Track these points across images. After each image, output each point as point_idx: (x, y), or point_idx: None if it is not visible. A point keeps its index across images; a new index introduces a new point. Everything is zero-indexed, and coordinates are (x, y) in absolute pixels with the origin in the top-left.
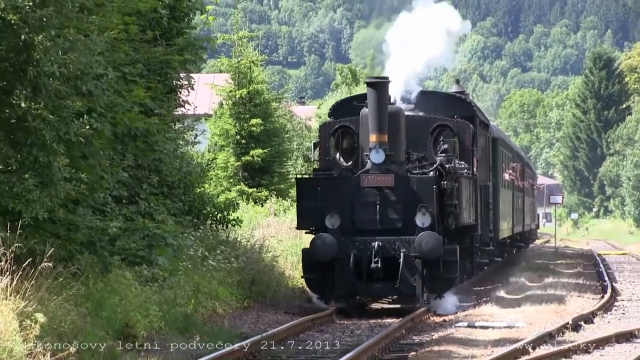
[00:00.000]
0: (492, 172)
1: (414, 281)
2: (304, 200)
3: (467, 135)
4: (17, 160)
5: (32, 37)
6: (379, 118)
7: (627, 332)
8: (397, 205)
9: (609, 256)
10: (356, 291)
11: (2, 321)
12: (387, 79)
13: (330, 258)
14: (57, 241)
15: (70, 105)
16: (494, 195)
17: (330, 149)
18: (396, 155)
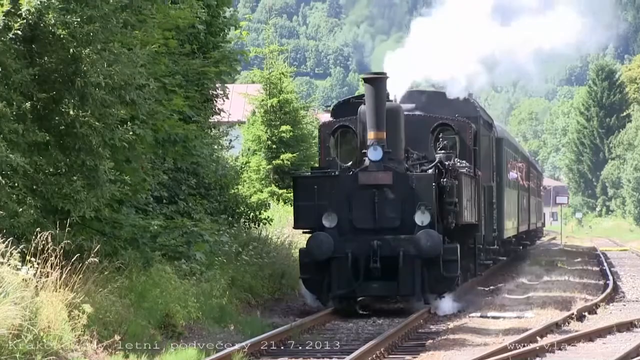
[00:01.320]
0: (496, 172)
1: (413, 281)
2: (301, 199)
3: (469, 134)
4: (66, 163)
5: (79, 50)
6: (377, 115)
7: (628, 322)
8: (395, 204)
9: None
10: (354, 291)
11: (53, 311)
12: (385, 74)
13: (327, 258)
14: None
15: (115, 113)
16: (498, 195)
17: (330, 149)
18: (395, 152)
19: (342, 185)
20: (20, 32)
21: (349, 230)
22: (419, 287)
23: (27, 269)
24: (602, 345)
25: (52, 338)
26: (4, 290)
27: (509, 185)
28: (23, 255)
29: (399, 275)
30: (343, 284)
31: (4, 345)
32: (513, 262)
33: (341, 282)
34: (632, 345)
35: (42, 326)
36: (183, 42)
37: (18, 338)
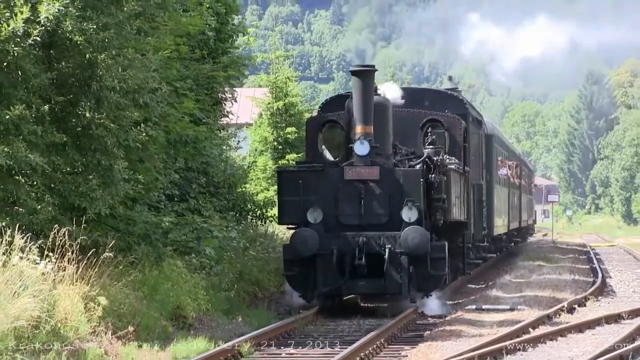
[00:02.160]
0: (486, 169)
1: (399, 279)
2: (286, 194)
3: (459, 130)
4: (82, 163)
5: (95, 55)
6: (365, 109)
7: (616, 314)
8: (382, 199)
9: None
10: (339, 289)
11: (70, 304)
12: (373, 67)
13: (312, 254)
14: (117, 234)
15: (129, 115)
16: (488, 192)
17: (317, 144)
18: (382, 147)
19: (328, 180)
20: (39, 39)
21: (334, 226)
22: (405, 285)
23: (45, 264)
24: (591, 336)
25: (68, 329)
26: (23, 283)
27: (499, 182)
28: (41, 250)
29: (386, 273)
30: (328, 281)
31: (23, 335)
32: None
33: (326, 279)
34: (620, 336)
35: (60, 318)
36: (193, 48)
37: (37, 329)
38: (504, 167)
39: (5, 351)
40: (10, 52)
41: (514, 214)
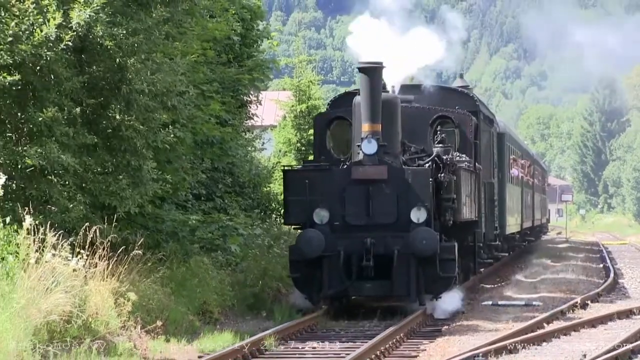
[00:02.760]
0: (498, 168)
1: (408, 281)
2: (292, 194)
3: (469, 127)
4: (112, 163)
5: (125, 60)
6: (372, 106)
7: (627, 310)
8: (390, 199)
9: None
10: (346, 291)
11: (100, 299)
12: (381, 63)
13: (318, 255)
14: (146, 232)
15: (157, 117)
16: (500, 191)
17: (325, 141)
18: (391, 146)
19: (335, 179)
20: (70, 43)
21: (341, 226)
22: (414, 287)
23: (76, 260)
24: (603, 331)
25: (99, 323)
26: (55, 279)
27: (512, 181)
28: (73, 247)
29: (393, 275)
30: (334, 283)
31: (55, 329)
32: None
33: (332, 281)
34: (631, 331)
35: (91, 312)
36: (220, 52)
37: (68, 323)
38: (517, 166)
39: (38, 344)
40: (43, 56)
41: (527, 213)
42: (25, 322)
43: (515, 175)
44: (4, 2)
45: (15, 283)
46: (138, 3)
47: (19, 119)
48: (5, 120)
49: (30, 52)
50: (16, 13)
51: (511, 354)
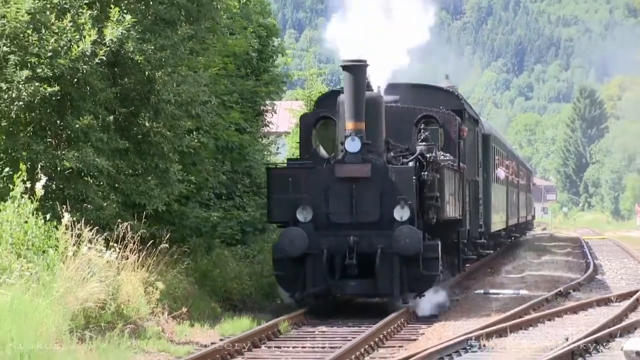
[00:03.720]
0: (484, 168)
1: (391, 279)
2: (275, 192)
3: (453, 126)
4: (142, 166)
5: (153, 73)
6: (356, 104)
7: (605, 298)
8: (373, 198)
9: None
10: (329, 289)
11: (131, 288)
12: (365, 61)
13: (301, 254)
14: (172, 227)
15: (182, 124)
16: (485, 190)
17: (311, 141)
18: (374, 144)
19: (319, 177)
20: (104, 58)
21: (325, 224)
22: (397, 285)
23: (110, 253)
24: (584, 317)
25: (130, 310)
26: (91, 270)
27: (497, 181)
28: (107, 241)
29: (377, 273)
30: (318, 281)
31: (91, 315)
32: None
33: (316, 279)
34: (609, 317)
35: (122, 300)
36: (239, 66)
37: (103, 310)
38: (502, 166)
39: (76, 329)
40: (80, 69)
41: (513, 211)
42: (64, 308)
43: (500, 175)
44: (44, 21)
45: (55, 273)
46: (165, 21)
47: (58, 126)
48: (45, 127)
49: (68, 65)
50: (55, 30)
51: (501, 337)
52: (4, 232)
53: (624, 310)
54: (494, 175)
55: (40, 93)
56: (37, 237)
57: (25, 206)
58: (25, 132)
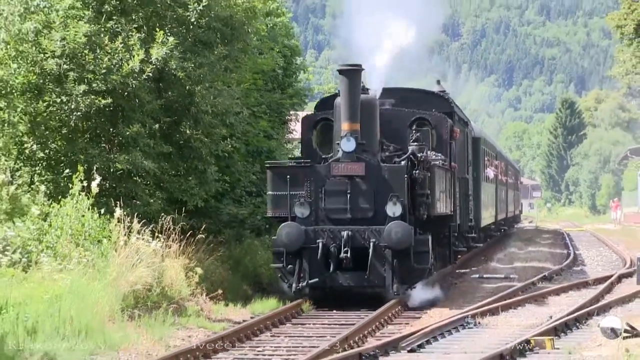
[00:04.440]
0: (474, 167)
1: (383, 271)
2: (275, 188)
3: (445, 128)
4: (183, 168)
5: (193, 87)
6: (351, 106)
7: (584, 282)
8: (368, 195)
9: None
10: (325, 281)
11: (174, 273)
12: (360, 66)
13: (298, 247)
14: (209, 221)
15: (218, 132)
16: (475, 188)
17: (311, 141)
18: (369, 144)
19: (316, 175)
20: (151, 74)
21: (321, 220)
22: (389, 278)
23: (155, 243)
24: (566, 298)
25: (173, 291)
26: (139, 257)
27: (486, 179)
28: (153, 232)
29: (369, 266)
30: (314, 273)
31: (140, 296)
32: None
33: (312, 272)
34: (587, 298)
35: (166, 283)
36: (267, 81)
37: (149, 291)
38: (491, 166)
39: (126, 308)
40: (129, 84)
41: (502, 207)
42: (116, 290)
43: (489, 174)
44: (99, 42)
45: (108, 260)
46: (203, 43)
47: (111, 133)
48: (100, 134)
49: (119, 81)
50: (108, 51)
51: (493, 315)
52: (65, 225)
53: (600, 293)
54: (484, 174)
55: (96, 105)
56: (93, 229)
57: (83, 202)
58: (82, 138)
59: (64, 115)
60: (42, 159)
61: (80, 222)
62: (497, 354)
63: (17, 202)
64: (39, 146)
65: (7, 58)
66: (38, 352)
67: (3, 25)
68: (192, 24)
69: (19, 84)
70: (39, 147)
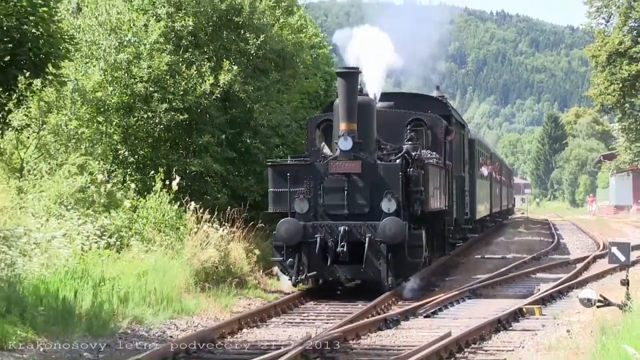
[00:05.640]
0: (469, 166)
1: (378, 265)
2: (275, 186)
3: (440, 128)
4: (244, 170)
5: (252, 105)
6: (349, 107)
7: (566, 261)
8: (364, 191)
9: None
10: (323, 274)
11: (237, 253)
12: (357, 69)
13: (297, 242)
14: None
15: (272, 141)
16: (471, 185)
17: (315, 140)
18: (366, 143)
19: (315, 173)
20: (219, 95)
21: (320, 216)
22: (384, 271)
23: (222, 230)
24: (550, 275)
25: (236, 268)
26: (209, 241)
27: (481, 177)
28: (220, 222)
29: (365, 260)
30: (312, 267)
31: (209, 272)
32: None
33: (310, 265)
34: (568, 275)
35: (231, 262)
36: (311, 100)
37: (217, 268)
38: (486, 166)
39: (198, 281)
40: (202, 103)
41: (496, 201)
42: (190, 267)
43: (484, 172)
44: (178, 70)
45: (184, 243)
46: (260, 70)
47: (187, 142)
48: (178, 143)
49: (194, 101)
50: (185, 77)
51: (493, 288)
52: (149, 215)
53: (579, 270)
54: (479, 173)
55: (175, 119)
56: (172, 218)
57: (164, 197)
58: (164, 146)
59: (149, 127)
60: (132, 162)
61: (161, 213)
62: (496, 319)
63: (113, 197)
64: (129, 152)
65: (105, 82)
66: (129, 317)
67: (102, 56)
68: (252, 55)
69: (114, 103)
70: (130, 153)
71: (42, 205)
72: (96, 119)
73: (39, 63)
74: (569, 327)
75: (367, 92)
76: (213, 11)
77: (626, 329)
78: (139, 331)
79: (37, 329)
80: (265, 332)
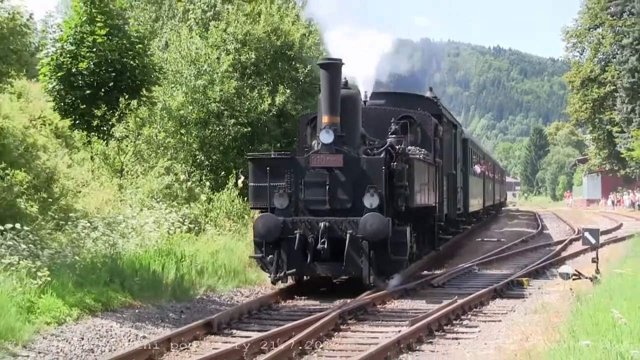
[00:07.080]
0: (463, 164)
1: (360, 262)
2: (255, 180)
3: (429, 126)
4: None
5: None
6: (331, 100)
7: (548, 243)
8: (346, 186)
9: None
10: (302, 271)
11: None
12: (340, 60)
13: (275, 238)
14: None
15: None
16: (464, 181)
17: (306, 137)
18: (349, 137)
19: (296, 167)
20: (275, 112)
21: (300, 211)
22: (366, 269)
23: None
24: (536, 254)
25: None
26: None
27: (474, 174)
28: None
29: (346, 257)
30: (292, 264)
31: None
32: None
33: (290, 262)
34: (550, 254)
35: None
36: None
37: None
38: (479, 164)
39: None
40: (261, 119)
41: (489, 196)
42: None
43: (477, 170)
44: (243, 92)
45: (248, 229)
46: (307, 93)
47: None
48: (243, 150)
49: (255, 117)
50: (249, 98)
51: (490, 264)
52: (221, 206)
53: (559, 251)
54: (472, 170)
55: (240, 132)
56: (239, 209)
57: (233, 192)
58: (232, 152)
59: (221, 138)
60: (207, 165)
61: (231, 204)
62: (493, 288)
63: (192, 192)
64: (205, 157)
65: (186, 103)
66: (204, 285)
67: (184, 82)
68: (301, 81)
69: (193, 119)
70: (205, 158)
71: (137, 198)
72: (179, 131)
73: (135, 88)
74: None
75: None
76: (271, 47)
77: (595, 297)
78: (212, 297)
79: (133, 294)
80: (312, 299)
